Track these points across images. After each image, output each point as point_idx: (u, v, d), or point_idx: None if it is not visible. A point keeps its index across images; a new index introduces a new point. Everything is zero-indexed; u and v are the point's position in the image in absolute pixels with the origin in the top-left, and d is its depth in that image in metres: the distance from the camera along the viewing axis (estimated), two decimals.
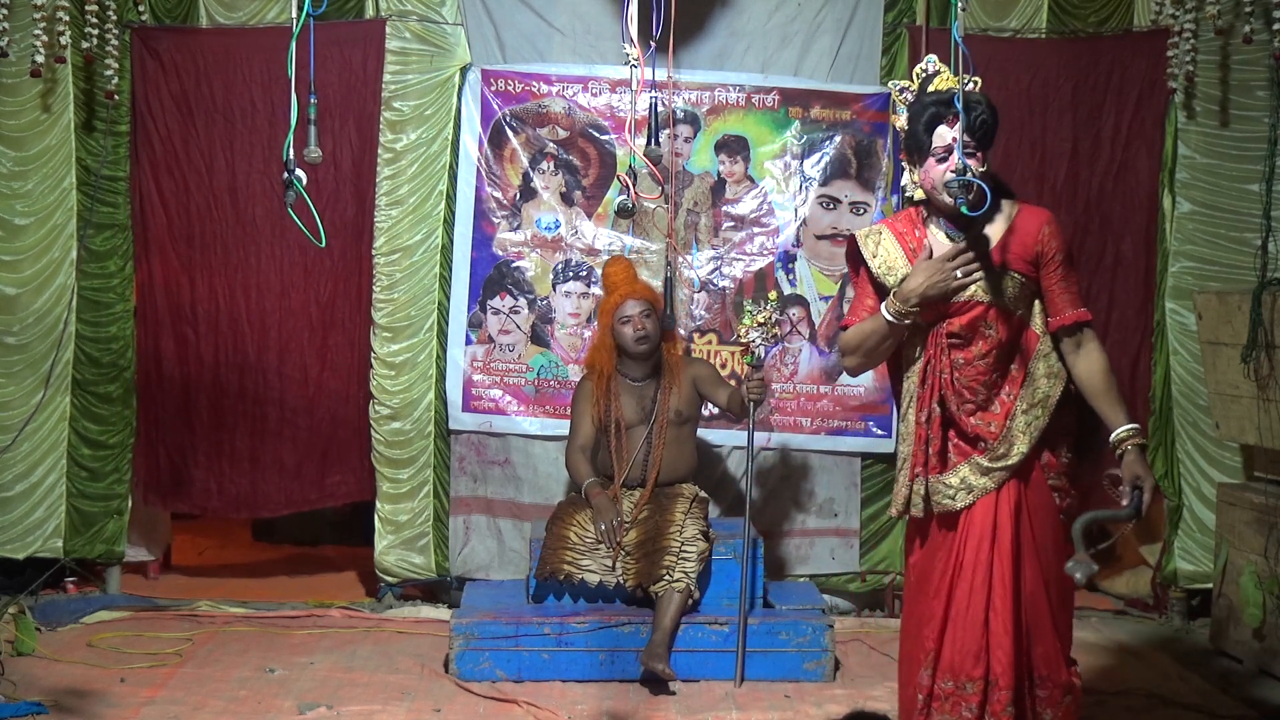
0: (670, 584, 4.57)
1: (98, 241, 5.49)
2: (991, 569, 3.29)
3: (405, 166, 5.47)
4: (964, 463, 3.34)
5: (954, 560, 3.33)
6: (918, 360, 3.39)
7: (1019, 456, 3.29)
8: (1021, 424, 3.31)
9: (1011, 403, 3.33)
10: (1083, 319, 3.33)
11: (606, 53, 5.48)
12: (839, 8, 5.51)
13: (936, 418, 3.35)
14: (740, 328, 4.80)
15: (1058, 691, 3.32)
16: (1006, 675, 3.26)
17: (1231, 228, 5.48)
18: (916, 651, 3.38)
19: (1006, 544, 3.29)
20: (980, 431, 3.32)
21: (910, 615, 3.45)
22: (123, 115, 5.47)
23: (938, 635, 3.33)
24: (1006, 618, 3.27)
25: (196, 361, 5.55)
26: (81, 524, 5.51)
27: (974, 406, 3.34)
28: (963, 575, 3.31)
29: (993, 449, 3.31)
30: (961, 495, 3.33)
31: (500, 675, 4.58)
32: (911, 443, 3.38)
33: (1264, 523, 4.77)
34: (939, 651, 3.33)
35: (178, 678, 4.57)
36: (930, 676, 3.33)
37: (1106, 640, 5.16)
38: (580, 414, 5.00)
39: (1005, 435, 3.31)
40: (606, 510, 4.76)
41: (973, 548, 3.31)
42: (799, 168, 5.54)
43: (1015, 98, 5.41)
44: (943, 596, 3.34)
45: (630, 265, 5.14)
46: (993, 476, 3.31)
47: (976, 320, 3.31)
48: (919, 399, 3.37)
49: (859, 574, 5.59)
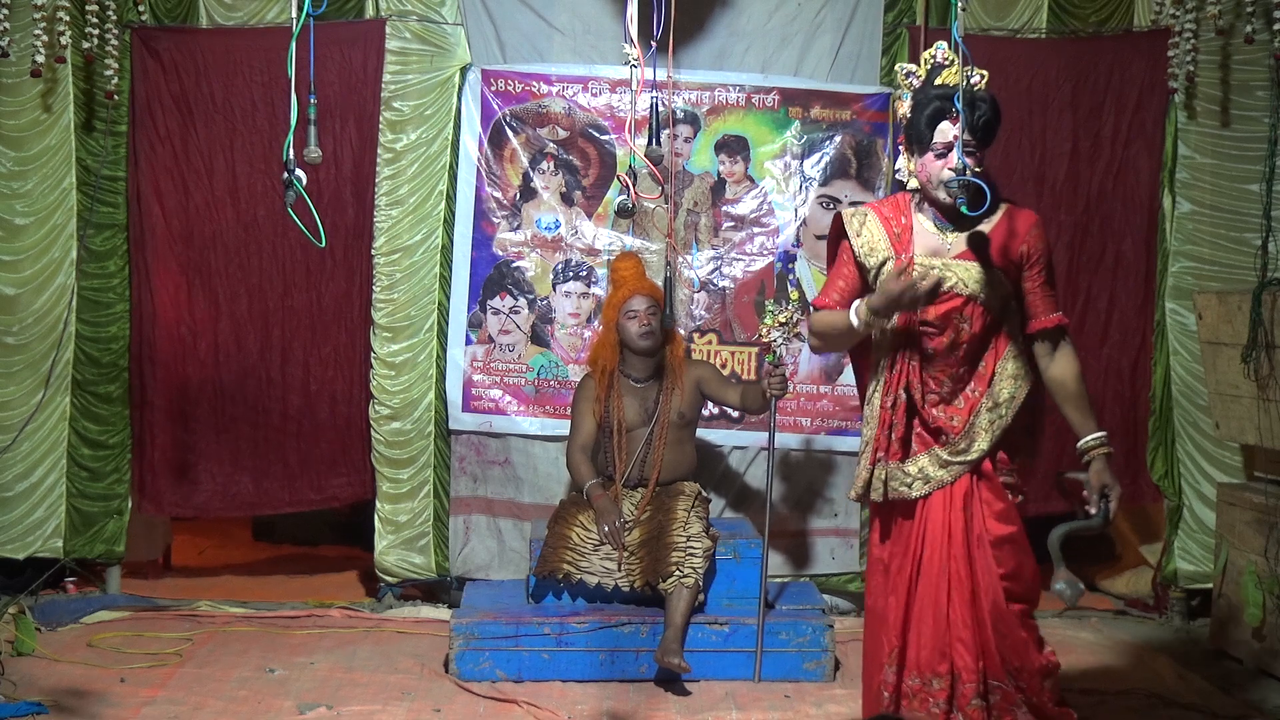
0: (680, 580, 4.57)
1: (98, 241, 5.49)
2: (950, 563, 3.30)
3: (405, 166, 5.47)
4: (924, 453, 3.36)
5: (912, 556, 3.35)
6: (888, 345, 3.40)
7: (978, 453, 3.32)
8: (985, 421, 3.33)
9: (977, 399, 3.35)
10: (1061, 323, 3.37)
11: (606, 53, 5.48)
12: (839, 8, 5.51)
13: (902, 404, 3.37)
14: (762, 326, 4.80)
15: (1035, 679, 3.34)
16: (970, 669, 3.28)
17: (1231, 228, 5.48)
18: (880, 649, 3.40)
19: (959, 538, 3.31)
20: (942, 424, 3.34)
21: (872, 611, 3.47)
22: (122, 115, 5.46)
23: (900, 632, 3.35)
24: (964, 611, 3.30)
25: (195, 362, 5.54)
26: (81, 524, 5.51)
27: (938, 398, 3.36)
28: (922, 571, 3.34)
29: (954, 443, 3.33)
30: (918, 485, 3.35)
31: (500, 675, 4.58)
32: (875, 426, 3.40)
33: (1264, 523, 4.77)
34: (903, 649, 3.35)
35: (178, 678, 4.57)
36: (896, 674, 3.35)
37: (1106, 640, 5.16)
38: (582, 412, 4.99)
39: (968, 431, 3.33)
40: (609, 512, 4.77)
41: (930, 543, 3.33)
42: (799, 168, 5.54)
43: (1015, 98, 5.41)
44: (902, 593, 3.36)
45: (640, 262, 5.14)
46: (950, 470, 3.33)
47: (952, 312, 3.33)
48: (886, 383, 3.39)
49: (859, 574, 5.59)
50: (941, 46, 3.39)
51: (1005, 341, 3.37)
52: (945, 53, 3.38)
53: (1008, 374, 3.35)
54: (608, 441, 4.97)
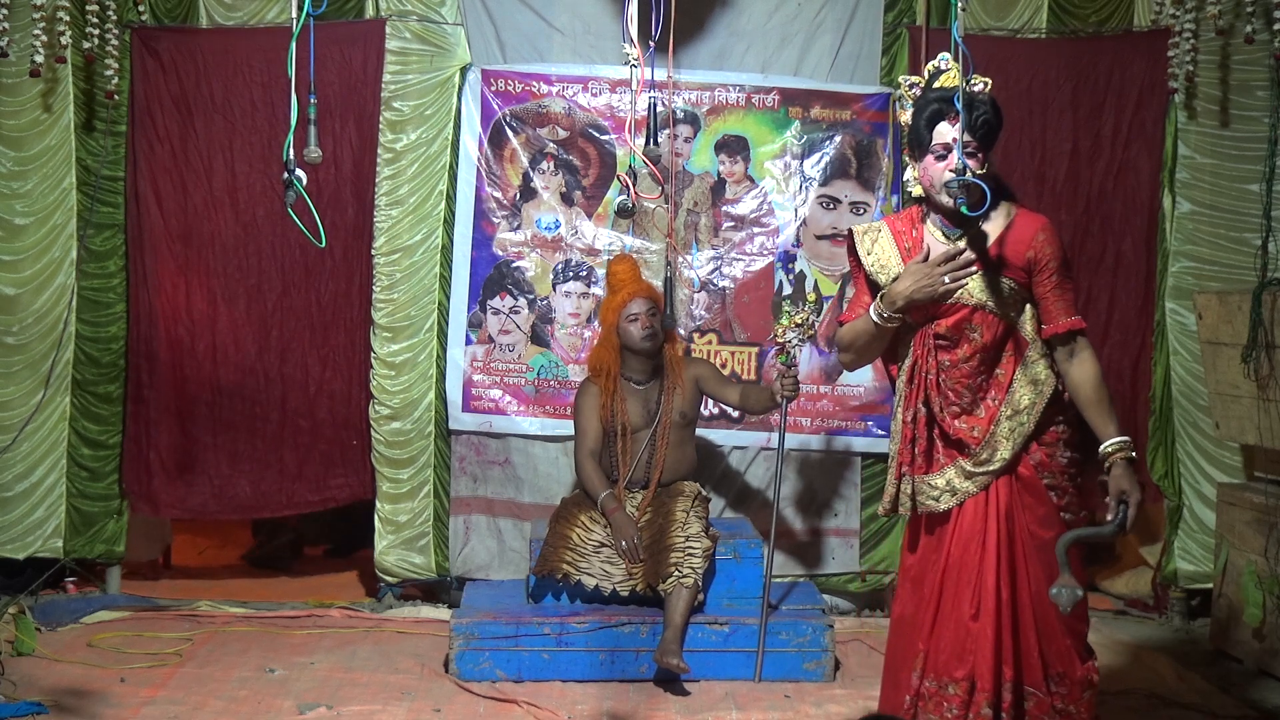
0: (680, 580, 4.57)
1: (98, 241, 5.49)
2: (979, 571, 3.28)
3: (405, 166, 5.47)
4: (950, 465, 3.34)
5: (943, 561, 3.33)
6: (906, 359, 3.40)
7: (1001, 462, 3.29)
8: (1005, 430, 3.30)
9: (996, 408, 3.32)
10: (1076, 327, 3.29)
11: (606, 53, 5.48)
12: (839, 8, 5.51)
13: (922, 417, 3.36)
14: (778, 327, 4.80)
15: (1076, 688, 3.32)
16: (985, 677, 3.26)
17: (1231, 228, 5.48)
18: (907, 653, 3.38)
19: (993, 546, 3.28)
20: (963, 436, 3.31)
21: (900, 617, 3.44)
22: (122, 115, 5.46)
23: (927, 637, 3.33)
24: (989, 620, 3.26)
25: (193, 363, 5.53)
26: (81, 524, 5.51)
27: (959, 409, 3.34)
28: (949, 576, 3.32)
29: (975, 454, 3.31)
30: (946, 497, 3.33)
31: (500, 675, 4.58)
32: (899, 441, 3.39)
33: (1264, 523, 4.77)
34: (927, 653, 3.33)
35: (178, 678, 4.57)
36: (919, 678, 3.33)
37: (1106, 640, 5.15)
38: (587, 418, 4.97)
39: (988, 441, 3.31)
40: (626, 527, 4.75)
41: (960, 548, 3.31)
42: (799, 168, 5.54)
43: (1015, 98, 5.40)
44: (934, 600, 3.34)
45: (635, 264, 5.13)
46: (976, 481, 3.31)
47: (962, 322, 3.31)
48: (906, 398, 3.38)
49: (859, 574, 5.59)
50: (945, 57, 3.39)
51: (1023, 348, 3.34)
52: (948, 61, 3.37)
53: (1026, 380, 3.31)
54: (612, 445, 4.96)
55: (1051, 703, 3.31)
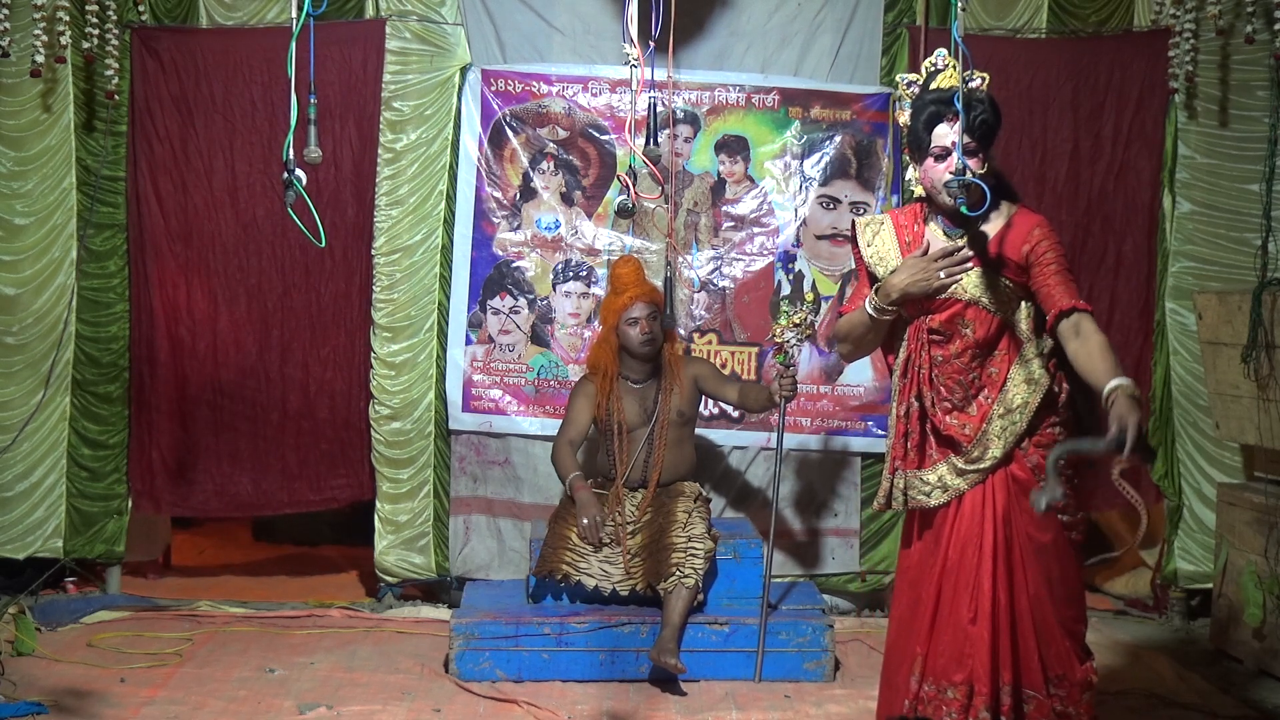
0: (680, 580, 4.57)
1: (98, 241, 5.49)
2: (977, 574, 3.28)
3: (405, 166, 5.47)
4: (943, 461, 3.35)
5: (941, 564, 3.33)
6: (901, 352, 3.41)
7: (992, 460, 3.29)
8: (997, 428, 3.30)
9: (989, 405, 3.32)
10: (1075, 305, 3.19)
11: (606, 53, 5.48)
12: (839, 8, 5.51)
13: (915, 412, 3.37)
14: (776, 327, 4.79)
15: (1075, 690, 3.32)
16: (984, 681, 3.26)
17: (1231, 228, 5.48)
18: (904, 655, 3.38)
19: (990, 549, 3.28)
20: (954, 433, 3.31)
21: (898, 617, 3.44)
22: (122, 115, 5.46)
23: (925, 639, 3.33)
24: (986, 624, 3.26)
25: (194, 363, 5.54)
26: (81, 524, 5.51)
27: (950, 405, 3.34)
28: (947, 579, 3.32)
29: (967, 452, 3.31)
30: (937, 494, 3.33)
31: (500, 675, 4.58)
32: (893, 435, 3.40)
33: (1264, 523, 4.77)
34: (926, 656, 3.33)
35: (178, 678, 4.57)
36: (917, 681, 3.33)
37: (1106, 640, 5.15)
38: (578, 408, 4.99)
39: (980, 439, 3.31)
40: (590, 506, 4.77)
41: (957, 551, 3.31)
42: (799, 168, 5.54)
43: (1015, 98, 5.41)
44: (931, 604, 3.34)
45: (640, 266, 5.12)
46: (968, 478, 3.31)
47: (955, 317, 3.32)
48: (899, 392, 3.40)
49: (859, 574, 5.59)
50: (942, 53, 3.38)
51: (1018, 346, 3.34)
52: (945, 58, 3.37)
53: (1019, 379, 3.31)
54: (609, 443, 4.97)
55: (1051, 705, 3.31)
